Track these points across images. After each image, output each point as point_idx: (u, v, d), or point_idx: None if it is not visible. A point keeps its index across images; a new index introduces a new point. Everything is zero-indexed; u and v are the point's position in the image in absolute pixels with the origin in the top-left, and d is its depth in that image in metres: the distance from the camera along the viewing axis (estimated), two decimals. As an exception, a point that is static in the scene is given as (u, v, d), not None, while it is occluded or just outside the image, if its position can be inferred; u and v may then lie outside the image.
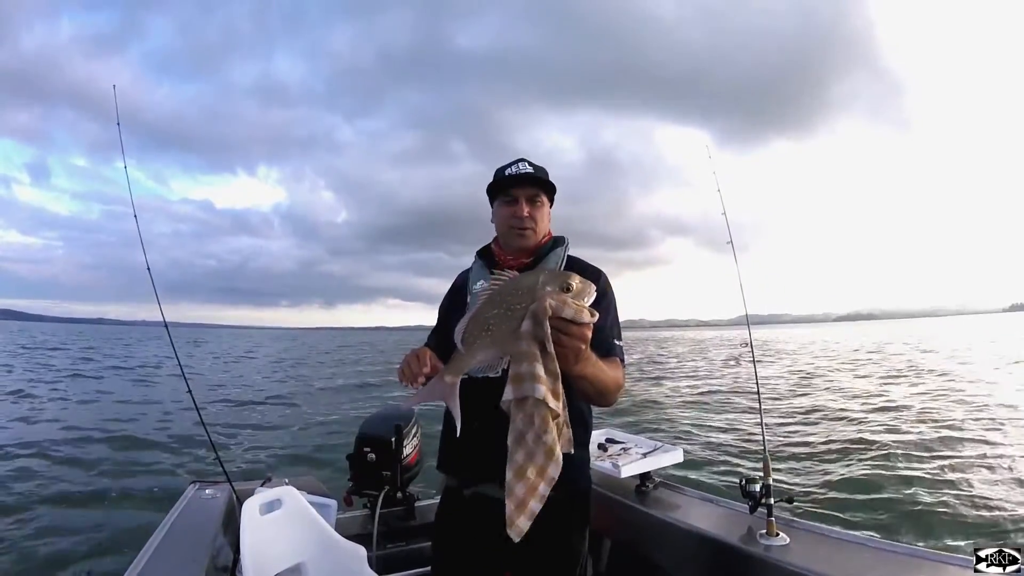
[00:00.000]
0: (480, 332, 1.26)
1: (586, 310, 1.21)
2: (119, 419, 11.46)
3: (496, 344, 1.24)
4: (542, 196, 1.87)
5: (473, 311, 1.30)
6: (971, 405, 11.85)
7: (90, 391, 16.74)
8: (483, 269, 1.91)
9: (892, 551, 1.93)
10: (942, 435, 9.07)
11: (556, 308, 1.18)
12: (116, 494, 6.62)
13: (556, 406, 1.20)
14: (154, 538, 2.33)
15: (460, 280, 2.03)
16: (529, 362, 1.19)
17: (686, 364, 26.99)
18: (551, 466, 1.21)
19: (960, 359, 24.34)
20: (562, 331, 1.20)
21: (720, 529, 2.28)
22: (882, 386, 15.72)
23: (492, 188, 1.90)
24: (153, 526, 2.50)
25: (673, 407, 12.70)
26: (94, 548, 5.02)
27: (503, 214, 1.87)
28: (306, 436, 10.05)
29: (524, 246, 1.86)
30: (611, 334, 1.74)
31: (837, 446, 8.64)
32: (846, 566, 1.86)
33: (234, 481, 2.97)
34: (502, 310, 1.24)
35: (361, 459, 2.99)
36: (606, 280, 1.84)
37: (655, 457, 2.82)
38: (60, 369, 24.39)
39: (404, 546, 2.95)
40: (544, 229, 1.89)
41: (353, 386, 18.45)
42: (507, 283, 1.28)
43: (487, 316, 1.26)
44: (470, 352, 1.27)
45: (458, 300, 1.96)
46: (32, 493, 6.65)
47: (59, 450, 8.81)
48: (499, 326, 1.24)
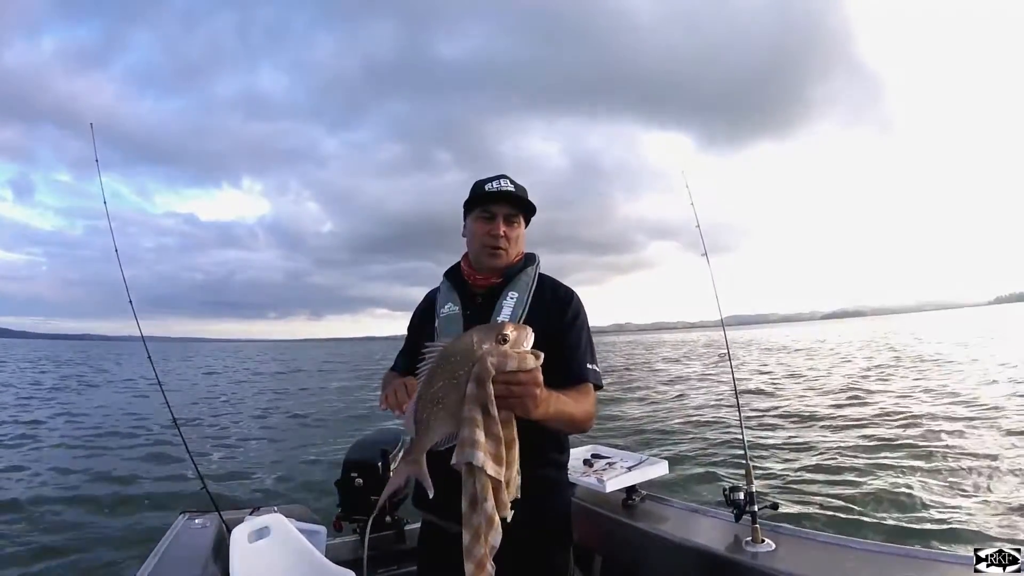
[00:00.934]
0: (432, 408, 1.23)
1: (529, 355, 1.20)
2: (105, 446, 11.31)
3: (451, 416, 1.21)
4: (519, 217, 1.81)
5: (418, 391, 1.27)
6: (958, 401, 11.98)
7: (74, 413, 16.48)
8: (451, 291, 1.86)
9: (879, 551, 1.96)
10: (926, 433, 9.17)
11: (499, 365, 1.17)
12: (105, 524, 6.54)
13: (496, 472, 1.19)
14: (144, 567, 2.33)
15: (429, 299, 1.98)
16: (470, 428, 1.17)
17: (670, 371, 26.99)
18: (491, 533, 1.20)
19: (946, 355, 24.51)
20: (512, 384, 1.19)
21: (707, 539, 2.31)
22: (865, 385, 15.79)
23: (469, 202, 1.83)
24: (143, 556, 2.50)
25: (655, 418, 12.70)
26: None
27: (479, 230, 1.79)
28: (293, 463, 9.97)
29: (496, 266, 1.79)
30: (584, 358, 1.69)
31: (820, 450, 8.68)
32: (833, 569, 1.90)
33: (223, 510, 2.96)
34: (446, 381, 1.22)
35: (348, 484, 2.98)
36: (578, 301, 1.80)
37: (640, 470, 2.85)
38: (40, 388, 24.17)
39: (395, 570, 2.95)
40: (517, 250, 1.83)
41: (342, 410, 18.36)
42: (442, 352, 1.25)
43: (434, 390, 1.23)
44: (429, 431, 1.24)
45: (427, 319, 1.91)
46: (19, 522, 6.57)
47: (45, 480, 8.69)
48: (448, 397, 1.21)
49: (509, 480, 1.25)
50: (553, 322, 1.67)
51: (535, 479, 1.46)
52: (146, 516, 6.74)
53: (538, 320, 1.62)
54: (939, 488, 6.36)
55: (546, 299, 1.77)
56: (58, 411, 16.81)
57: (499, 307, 1.73)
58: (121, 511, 7.04)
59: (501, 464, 1.20)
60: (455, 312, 1.80)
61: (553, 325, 1.66)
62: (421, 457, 1.28)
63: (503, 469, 1.21)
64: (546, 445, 1.71)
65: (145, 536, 5.59)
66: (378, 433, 3.39)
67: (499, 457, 1.20)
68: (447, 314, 1.80)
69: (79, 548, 5.76)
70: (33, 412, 16.34)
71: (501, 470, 1.20)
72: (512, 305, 1.73)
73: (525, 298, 1.74)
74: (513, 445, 1.25)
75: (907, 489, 6.37)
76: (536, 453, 1.54)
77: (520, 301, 1.73)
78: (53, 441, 11.86)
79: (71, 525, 6.55)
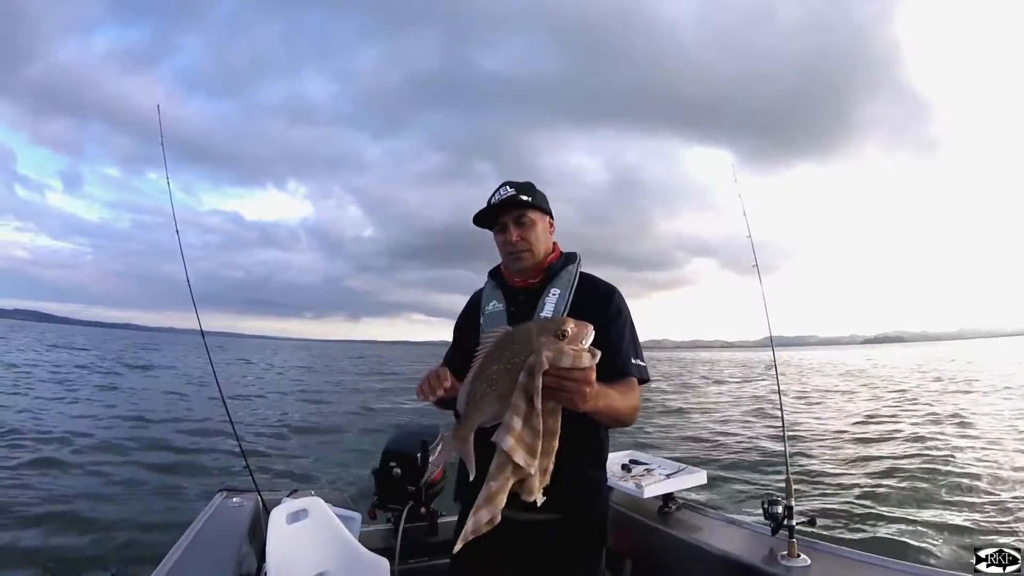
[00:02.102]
0: (486, 388, 1.27)
1: (585, 353, 1.21)
2: (150, 423, 11.75)
3: (501, 399, 1.24)
4: (528, 214, 1.83)
5: (474, 371, 1.30)
6: (1003, 427, 11.65)
7: (124, 394, 17.11)
8: (495, 290, 1.92)
9: (914, 573, 1.92)
10: (969, 458, 8.91)
11: (553, 360, 1.18)
12: (145, 497, 6.80)
13: (526, 462, 1.21)
14: (181, 542, 2.39)
15: (474, 299, 2.02)
16: (511, 414, 1.20)
17: (710, 386, 26.69)
18: (483, 510, 1.24)
19: (991, 382, 23.78)
20: (564, 378, 1.20)
21: (742, 551, 2.28)
22: (907, 409, 15.44)
23: (478, 221, 1.88)
24: (180, 531, 2.57)
25: (696, 429, 12.58)
26: (120, 549, 5.14)
27: (498, 242, 1.87)
28: (332, 449, 10.12)
29: (523, 267, 1.83)
30: (628, 354, 1.72)
31: (860, 468, 8.53)
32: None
33: (262, 491, 3.02)
34: (502, 365, 1.25)
35: (387, 474, 3.00)
36: (620, 297, 1.82)
37: (678, 479, 2.82)
38: (94, 372, 24.93)
39: (426, 561, 2.96)
40: (543, 245, 1.86)
41: (377, 399, 18.53)
42: (501, 338, 1.29)
43: (489, 373, 1.27)
44: (479, 409, 1.28)
45: (472, 317, 1.95)
46: (59, 490, 6.85)
47: (89, 451, 9.07)
48: (501, 381, 1.25)
49: (545, 469, 1.28)
50: (596, 318, 1.69)
51: (575, 477, 1.48)
52: (185, 492, 6.95)
53: (580, 316, 1.63)
54: (984, 519, 6.14)
55: (588, 295, 1.79)
56: (110, 392, 17.37)
57: (542, 304, 1.77)
58: (161, 487, 7.28)
59: (534, 456, 1.23)
60: (499, 309, 1.85)
61: (596, 321, 1.68)
62: (469, 435, 1.31)
63: (534, 461, 1.23)
64: (588, 442, 1.73)
65: (182, 512, 5.74)
66: (418, 425, 3.41)
67: (533, 449, 1.22)
68: (491, 311, 1.85)
69: (118, 519, 5.96)
70: (85, 388, 16.89)
71: (533, 462, 1.23)
72: (554, 302, 1.76)
73: (567, 295, 1.77)
74: (554, 437, 1.27)
75: (949, 513, 6.22)
76: (578, 450, 1.56)
77: (562, 297, 1.76)
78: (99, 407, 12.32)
79: (112, 495, 6.80)
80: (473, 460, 1.31)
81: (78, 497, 6.66)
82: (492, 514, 1.24)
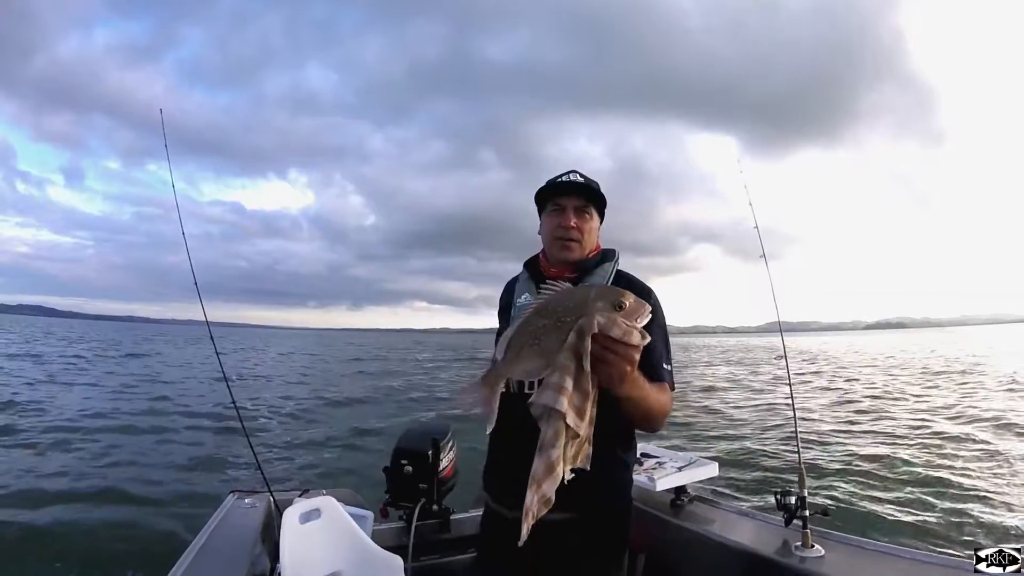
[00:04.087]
0: (528, 341, 1.23)
1: (637, 331, 1.18)
2: (159, 423, 11.76)
3: (543, 355, 1.20)
4: (591, 209, 1.80)
5: (522, 319, 1.27)
6: (1011, 414, 11.60)
7: (129, 391, 17.11)
8: (528, 282, 1.87)
9: (928, 562, 1.91)
10: (983, 447, 8.92)
11: (604, 327, 1.15)
12: (156, 499, 6.79)
13: (576, 423, 1.18)
14: (194, 544, 2.40)
15: (508, 288, 1.97)
16: (560, 374, 1.17)
17: (720, 373, 26.66)
18: (547, 482, 1.18)
19: (999, 368, 23.75)
20: (609, 349, 1.17)
21: (755, 542, 2.28)
22: (918, 395, 15.45)
23: (540, 196, 1.85)
24: (193, 533, 2.57)
25: (708, 420, 12.58)
26: (133, 552, 5.14)
27: (550, 224, 1.80)
28: (342, 448, 10.14)
29: (568, 258, 1.78)
30: (660, 358, 1.65)
31: (873, 458, 8.50)
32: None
33: (273, 491, 3.02)
34: (551, 321, 1.21)
35: (398, 472, 3.00)
36: (656, 300, 1.71)
37: (690, 471, 2.82)
38: (94, 364, 25.03)
39: (439, 559, 2.96)
40: (591, 243, 1.82)
41: (386, 396, 18.54)
42: (558, 294, 1.26)
43: (536, 326, 1.23)
44: (516, 360, 1.24)
45: (505, 307, 1.92)
46: (70, 493, 6.83)
47: (99, 452, 9.07)
48: (547, 337, 1.21)
49: (588, 438, 1.24)
50: None
51: (602, 477, 1.43)
52: (196, 494, 6.95)
53: None
54: (999, 505, 6.15)
55: None
56: (115, 387, 17.45)
57: None
58: (172, 489, 7.29)
59: (583, 420, 1.19)
60: (530, 302, 1.81)
61: None
62: (498, 384, 1.28)
63: (584, 424, 1.20)
64: (616, 440, 1.70)
65: (194, 513, 5.76)
66: (430, 421, 3.41)
67: (582, 412, 1.19)
68: (523, 304, 1.79)
69: (129, 522, 5.98)
70: (86, 383, 16.94)
71: (582, 424, 1.19)
72: None
73: None
74: (595, 404, 1.23)
75: (963, 502, 6.21)
76: (606, 450, 1.49)
77: None
78: (116, 414, 12.39)
79: (121, 497, 6.81)
80: (496, 411, 1.28)
81: (89, 499, 6.68)
82: (552, 489, 1.19)
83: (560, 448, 1.18)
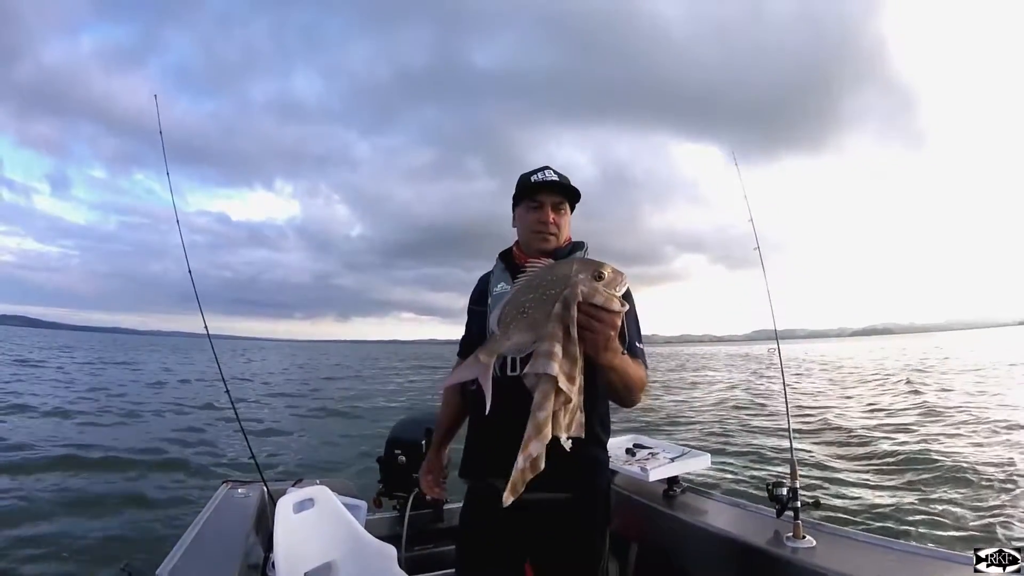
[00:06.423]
0: (516, 315, 1.32)
1: (616, 298, 1.28)
2: (153, 419, 11.77)
3: (531, 328, 1.29)
4: (566, 204, 1.90)
5: (509, 295, 1.37)
6: (996, 414, 11.70)
7: (125, 393, 17.11)
8: (504, 272, 1.93)
9: (918, 554, 1.93)
10: (967, 444, 9.02)
11: (587, 295, 1.25)
12: (149, 490, 6.80)
13: (567, 388, 1.25)
14: (188, 534, 2.39)
15: (482, 282, 2.04)
16: (550, 342, 1.25)
17: (715, 373, 26.82)
18: (533, 442, 1.23)
19: (982, 371, 23.97)
20: (592, 317, 1.26)
21: (747, 532, 2.29)
22: (905, 396, 15.56)
23: (518, 193, 1.93)
24: (186, 523, 2.57)
25: (701, 414, 12.65)
26: (127, 545, 5.15)
27: (528, 218, 1.89)
28: (335, 439, 10.15)
29: (546, 249, 1.86)
30: (634, 336, 1.76)
31: (864, 452, 8.63)
32: (872, 568, 1.87)
33: (267, 481, 3.03)
34: (537, 295, 1.31)
35: (391, 462, 3.02)
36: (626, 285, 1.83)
37: (683, 462, 2.83)
38: (90, 373, 24.95)
39: (432, 548, 2.97)
40: (565, 235, 1.92)
41: (378, 392, 18.60)
42: (542, 270, 1.35)
43: (523, 300, 1.33)
44: (505, 334, 1.32)
45: (481, 298, 1.97)
46: (64, 489, 6.82)
47: (93, 447, 9.03)
48: (535, 310, 1.30)
49: (578, 406, 1.30)
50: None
51: (582, 456, 1.47)
52: (188, 485, 6.97)
53: None
54: (983, 499, 6.21)
55: None
56: (110, 391, 17.42)
57: None
58: (164, 479, 7.33)
59: (573, 384, 1.26)
60: (507, 290, 1.84)
61: None
62: (491, 360, 1.35)
63: (575, 388, 1.26)
64: (593, 421, 1.73)
65: (187, 504, 5.76)
66: (423, 413, 3.41)
67: (572, 377, 1.26)
68: (500, 293, 1.84)
69: (120, 513, 5.99)
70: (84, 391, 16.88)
71: (573, 388, 1.26)
72: None
73: None
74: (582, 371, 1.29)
75: (952, 498, 6.27)
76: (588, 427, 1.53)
77: None
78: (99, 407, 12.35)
79: (114, 490, 6.81)
80: (491, 388, 1.34)
81: (83, 492, 6.69)
82: (541, 449, 1.24)
83: (548, 410, 1.24)
